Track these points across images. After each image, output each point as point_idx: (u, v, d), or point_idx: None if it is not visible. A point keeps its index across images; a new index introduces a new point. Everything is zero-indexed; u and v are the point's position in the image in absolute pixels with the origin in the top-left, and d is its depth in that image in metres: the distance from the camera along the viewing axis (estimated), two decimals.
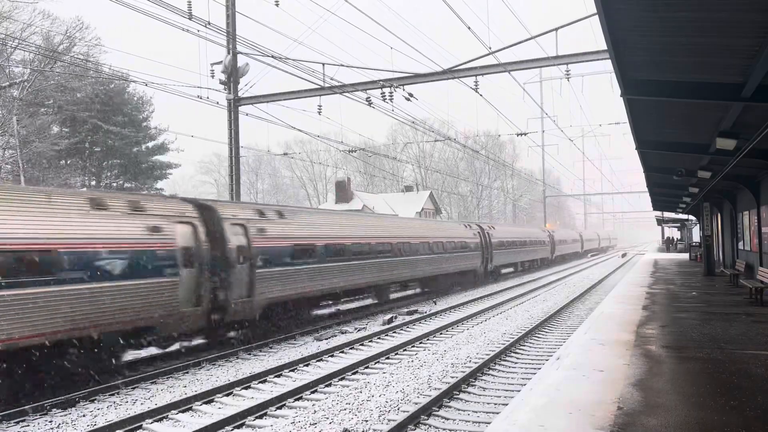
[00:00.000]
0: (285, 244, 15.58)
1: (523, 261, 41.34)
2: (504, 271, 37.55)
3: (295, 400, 9.87)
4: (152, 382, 11.28)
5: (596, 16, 6.37)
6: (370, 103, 20.71)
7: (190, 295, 12.36)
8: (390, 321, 18.23)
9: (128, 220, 11.35)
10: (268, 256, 14.78)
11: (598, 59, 18.23)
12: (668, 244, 57.54)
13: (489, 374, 11.28)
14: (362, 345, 14.73)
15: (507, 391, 10.03)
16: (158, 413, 9.12)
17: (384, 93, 20.03)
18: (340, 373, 11.39)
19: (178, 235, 12.28)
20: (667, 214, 46.62)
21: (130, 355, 12.70)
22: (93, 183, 40.18)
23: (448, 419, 8.66)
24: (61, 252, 9.91)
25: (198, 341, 13.94)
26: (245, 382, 10.91)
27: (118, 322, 10.76)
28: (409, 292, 25.34)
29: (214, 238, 13.22)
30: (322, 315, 18.90)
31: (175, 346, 13.33)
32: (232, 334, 14.41)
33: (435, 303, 23.58)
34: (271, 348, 14.55)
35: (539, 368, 10.22)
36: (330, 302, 19.28)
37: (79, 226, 10.40)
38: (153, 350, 13.31)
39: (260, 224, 14.87)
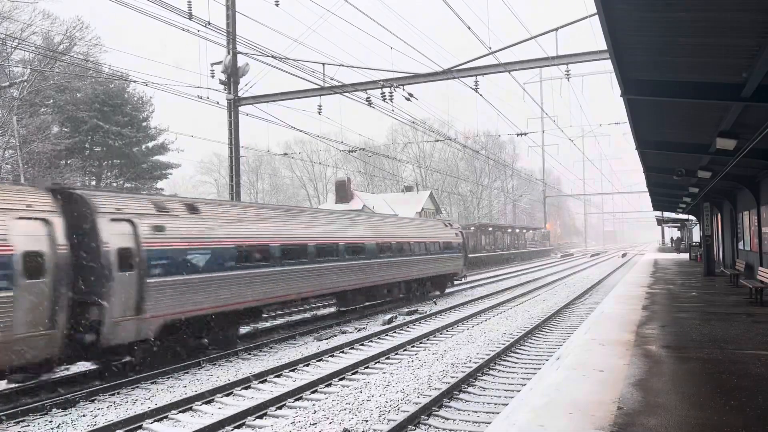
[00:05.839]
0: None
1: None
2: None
3: (295, 400, 9.87)
4: (152, 382, 11.28)
5: (596, 16, 6.37)
6: (370, 103, 20.72)
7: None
8: (390, 321, 18.23)
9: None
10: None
11: (598, 59, 18.23)
12: (678, 244, 55.45)
13: (489, 374, 11.28)
14: (362, 345, 14.73)
15: (507, 391, 10.03)
16: (158, 413, 9.12)
17: (384, 93, 20.03)
18: (340, 373, 11.39)
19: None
20: (667, 214, 46.58)
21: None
22: (93, 183, 40.14)
23: (448, 419, 8.66)
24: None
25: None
26: (245, 382, 10.92)
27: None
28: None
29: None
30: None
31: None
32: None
33: (435, 303, 23.60)
34: (271, 348, 14.57)
35: (539, 368, 10.24)
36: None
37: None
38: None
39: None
